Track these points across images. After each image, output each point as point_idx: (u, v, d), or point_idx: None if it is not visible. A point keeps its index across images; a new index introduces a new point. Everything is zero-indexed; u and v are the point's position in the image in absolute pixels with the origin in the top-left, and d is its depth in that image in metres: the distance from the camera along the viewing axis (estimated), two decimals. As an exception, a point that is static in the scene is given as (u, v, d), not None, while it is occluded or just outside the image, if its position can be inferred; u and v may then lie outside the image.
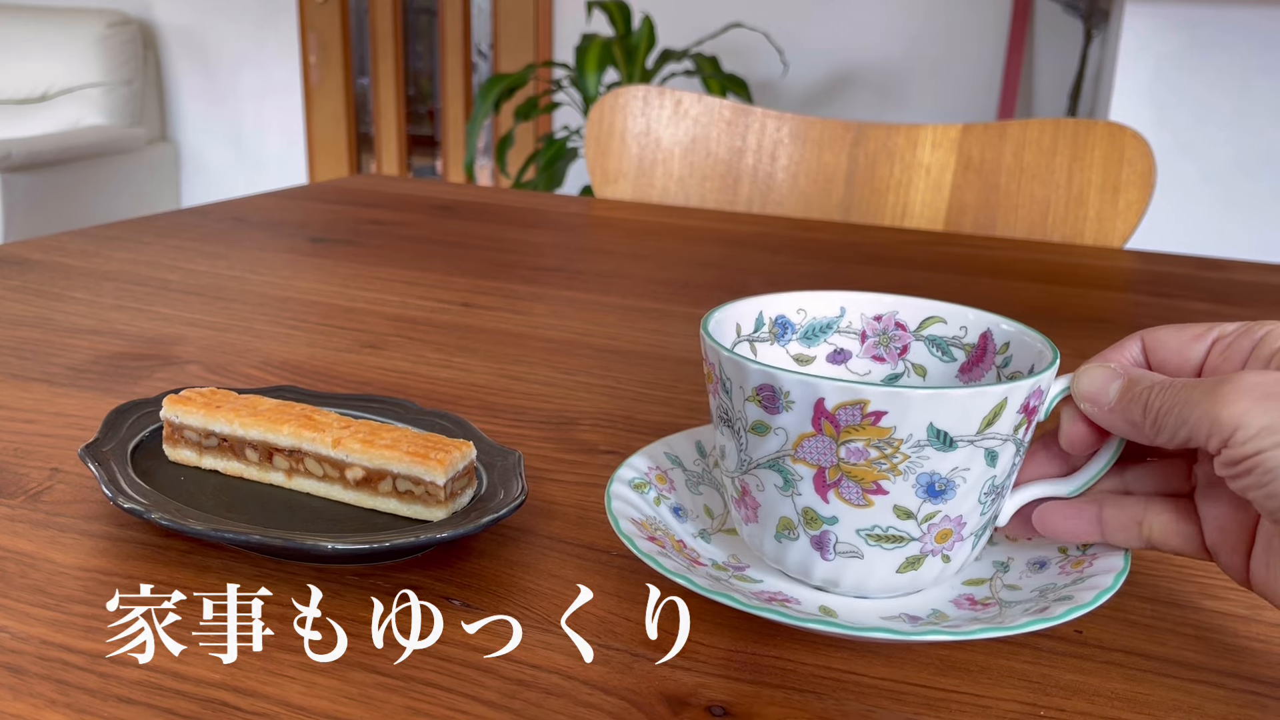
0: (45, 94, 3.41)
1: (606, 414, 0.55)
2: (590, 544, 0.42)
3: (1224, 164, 2.01)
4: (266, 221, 0.98)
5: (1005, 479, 0.36)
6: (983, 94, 2.82)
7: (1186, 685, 0.34)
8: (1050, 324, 0.74)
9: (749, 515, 0.38)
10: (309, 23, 3.54)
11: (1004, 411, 0.34)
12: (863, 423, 0.33)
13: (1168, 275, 0.90)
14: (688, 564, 0.37)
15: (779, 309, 0.43)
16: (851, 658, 0.35)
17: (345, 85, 3.60)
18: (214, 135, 3.73)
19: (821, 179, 1.12)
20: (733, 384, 0.36)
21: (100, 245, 0.86)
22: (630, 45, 2.57)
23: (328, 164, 3.67)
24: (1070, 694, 0.34)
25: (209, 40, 3.63)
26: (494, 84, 2.54)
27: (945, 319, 0.43)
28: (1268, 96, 1.96)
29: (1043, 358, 0.38)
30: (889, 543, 0.35)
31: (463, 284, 0.79)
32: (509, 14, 3.33)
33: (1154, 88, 1.99)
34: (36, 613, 0.36)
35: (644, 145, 1.17)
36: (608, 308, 0.74)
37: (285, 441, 0.42)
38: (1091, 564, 0.37)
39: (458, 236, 0.95)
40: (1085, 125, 1.04)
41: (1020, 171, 1.06)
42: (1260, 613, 0.39)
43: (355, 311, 0.71)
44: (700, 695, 0.33)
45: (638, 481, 0.42)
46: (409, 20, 3.63)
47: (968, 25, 2.80)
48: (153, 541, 0.40)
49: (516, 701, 0.32)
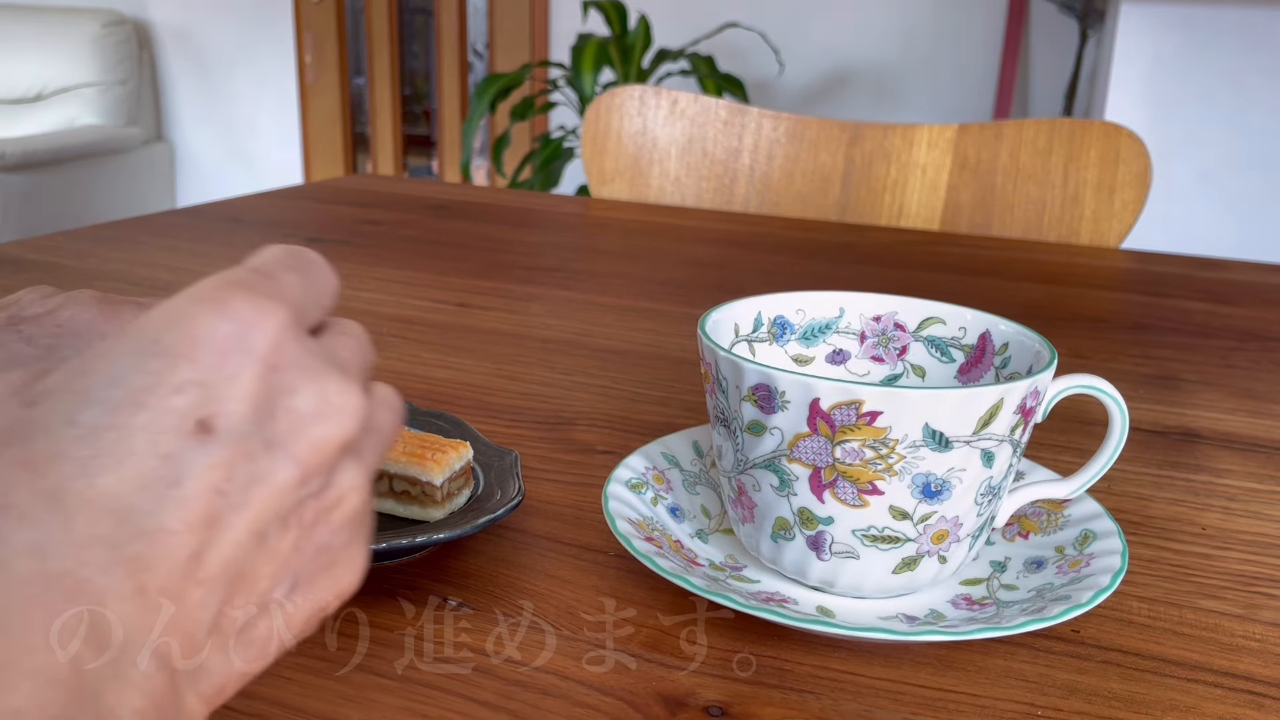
0: (40, 93, 3.40)
1: (603, 414, 0.55)
2: (587, 544, 0.41)
3: (1219, 163, 2.01)
4: (262, 221, 0.98)
5: (1002, 480, 0.36)
6: (978, 94, 2.82)
7: (1183, 685, 0.34)
8: (1046, 324, 0.74)
9: (745, 515, 0.38)
10: (304, 22, 3.53)
11: (1000, 412, 0.34)
12: (858, 423, 0.33)
13: (1164, 275, 0.91)
14: (685, 564, 0.37)
15: (778, 309, 0.43)
16: (849, 658, 0.35)
17: (341, 85, 3.60)
18: (209, 135, 3.72)
19: (818, 179, 1.12)
20: (729, 384, 0.36)
21: (95, 245, 0.86)
22: (626, 45, 2.57)
23: (323, 164, 3.67)
24: (1068, 694, 0.34)
25: (204, 40, 3.63)
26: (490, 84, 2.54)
27: (944, 320, 0.43)
28: (1263, 96, 1.96)
29: (1040, 358, 0.38)
30: (885, 543, 0.35)
31: (459, 284, 0.79)
32: (505, 14, 3.32)
33: (1150, 88, 1.99)
34: (32, 614, 0.35)
35: (640, 145, 1.16)
36: (604, 308, 0.74)
37: None
38: (1089, 564, 0.37)
39: (454, 236, 0.95)
40: (1081, 125, 1.04)
41: (1016, 171, 1.06)
42: (1257, 612, 0.39)
43: (351, 311, 0.71)
44: (697, 695, 0.33)
45: (635, 481, 0.42)
46: (405, 20, 3.62)
47: (964, 25, 2.80)
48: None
49: (513, 702, 0.32)
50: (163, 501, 0.20)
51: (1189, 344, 0.71)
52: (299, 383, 0.22)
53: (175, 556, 0.20)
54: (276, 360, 0.21)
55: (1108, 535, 0.39)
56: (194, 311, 0.21)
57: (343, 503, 0.23)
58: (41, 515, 0.19)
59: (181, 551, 0.20)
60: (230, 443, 0.21)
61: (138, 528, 0.19)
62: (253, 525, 0.21)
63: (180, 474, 0.20)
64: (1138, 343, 0.71)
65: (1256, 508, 0.47)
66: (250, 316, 0.21)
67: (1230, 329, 0.75)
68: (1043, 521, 0.41)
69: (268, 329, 0.21)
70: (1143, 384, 0.63)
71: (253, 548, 0.21)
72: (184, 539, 0.20)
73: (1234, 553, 0.43)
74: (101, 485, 0.19)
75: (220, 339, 0.21)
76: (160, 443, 0.20)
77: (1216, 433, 0.56)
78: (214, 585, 0.20)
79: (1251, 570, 0.42)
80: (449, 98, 3.57)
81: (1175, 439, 0.55)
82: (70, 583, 0.18)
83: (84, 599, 0.19)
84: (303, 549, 0.22)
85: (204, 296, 0.21)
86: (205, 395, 0.21)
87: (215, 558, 0.20)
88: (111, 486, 0.19)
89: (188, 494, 0.20)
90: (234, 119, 3.68)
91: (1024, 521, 0.42)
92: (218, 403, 0.21)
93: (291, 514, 0.22)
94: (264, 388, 0.21)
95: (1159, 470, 0.51)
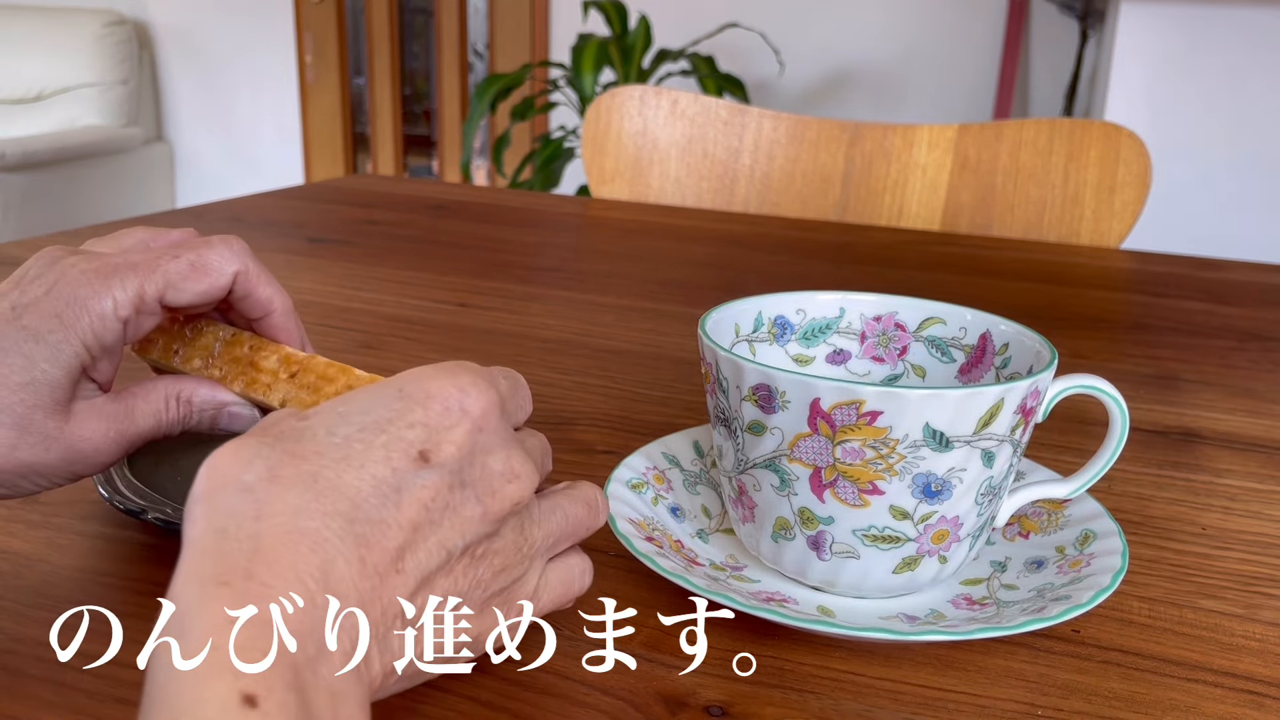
0: (40, 94, 3.40)
1: (604, 414, 0.55)
2: (587, 544, 0.41)
3: (1220, 164, 2.01)
4: (262, 221, 0.98)
5: (1002, 480, 0.36)
6: (979, 94, 2.82)
7: (1184, 685, 0.34)
8: (1046, 324, 0.74)
9: (746, 515, 0.38)
10: (305, 22, 3.53)
11: (1000, 412, 0.34)
12: (858, 423, 0.33)
13: (1164, 275, 0.91)
14: (685, 564, 0.37)
15: (778, 309, 0.43)
16: (849, 658, 0.35)
17: (341, 85, 3.59)
18: (210, 135, 3.72)
19: (818, 179, 1.12)
20: (729, 384, 0.36)
21: (96, 245, 0.86)
22: (626, 45, 2.57)
23: (324, 164, 3.67)
24: (1068, 693, 0.34)
25: (205, 40, 3.63)
26: (490, 84, 2.54)
27: (945, 320, 0.43)
28: (1263, 96, 1.96)
29: (1041, 358, 0.38)
30: (885, 543, 0.35)
31: (459, 284, 0.79)
32: (505, 14, 3.32)
33: (1150, 88, 1.99)
34: (33, 614, 0.35)
35: (640, 145, 1.17)
36: (604, 308, 0.74)
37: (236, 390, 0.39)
38: (1089, 564, 0.37)
39: (454, 236, 0.95)
40: (1081, 125, 1.04)
41: (1016, 172, 1.06)
42: (1257, 612, 0.39)
43: (351, 311, 0.71)
44: (698, 695, 0.33)
45: (635, 481, 0.42)
46: (405, 20, 3.62)
47: (964, 25, 2.80)
48: (150, 542, 0.40)
49: (513, 702, 0.32)
50: (386, 501, 0.27)
51: (1189, 344, 0.71)
52: (495, 447, 0.30)
53: (388, 544, 0.27)
54: (483, 425, 0.29)
55: (1108, 535, 0.39)
56: (432, 375, 0.30)
57: (503, 551, 0.30)
58: (301, 489, 0.26)
59: (393, 541, 0.27)
60: (440, 474, 0.28)
61: (366, 515, 0.26)
62: (441, 541, 0.28)
63: (401, 485, 0.27)
64: (1138, 343, 0.71)
65: (1256, 507, 0.47)
66: (471, 389, 0.29)
67: (1230, 329, 0.75)
68: (1043, 521, 0.41)
69: (481, 401, 0.29)
70: (1143, 384, 0.63)
71: (438, 559, 0.28)
72: (395, 533, 0.27)
73: (1234, 553, 0.43)
74: (346, 479, 0.27)
75: (447, 398, 0.29)
76: (392, 460, 0.27)
77: (1216, 433, 0.56)
78: (408, 577, 0.27)
79: (1252, 570, 0.42)
80: (449, 98, 3.57)
81: (1175, 439, 0.55)
82: (315, 539, 0.25)
83: (322, 552, 0.25)
84: (468, 575, 0.29)
85: (442, 368, 0.30)
86: (429, 434, 0.28)
87: (412, 556, 0.27)
88: (352, 481, 0.27)
89: (404, 501, 0.27)
90: (234, 119, 3.68)
91: (1024, 521, 0.42)
92: (437, 442, 0.28)
93: (467, 544, 0.28)
94: (470, 442, 0.29)
95: (1159, 470, 0.51)
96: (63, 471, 0.35)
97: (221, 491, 0.26)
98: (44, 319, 0.34)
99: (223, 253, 0.37)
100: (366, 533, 0.26)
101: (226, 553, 0.25)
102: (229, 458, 0.27)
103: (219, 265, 0.37)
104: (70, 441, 0.35)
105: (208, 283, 0.36)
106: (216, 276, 0.37)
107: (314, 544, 0.25)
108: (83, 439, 0.35)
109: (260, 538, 0.25)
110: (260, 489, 0.26)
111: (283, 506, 0.26)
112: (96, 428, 0.35)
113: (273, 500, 0.26)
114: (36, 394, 0.34)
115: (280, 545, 0.25)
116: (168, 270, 0.36)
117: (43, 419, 0.34)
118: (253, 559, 0.24)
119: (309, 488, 0.26)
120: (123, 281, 0.35)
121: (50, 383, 0.34)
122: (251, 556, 0.24)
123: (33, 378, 0.34)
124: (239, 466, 0.26)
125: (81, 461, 0.35)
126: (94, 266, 0.35)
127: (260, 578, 0.24)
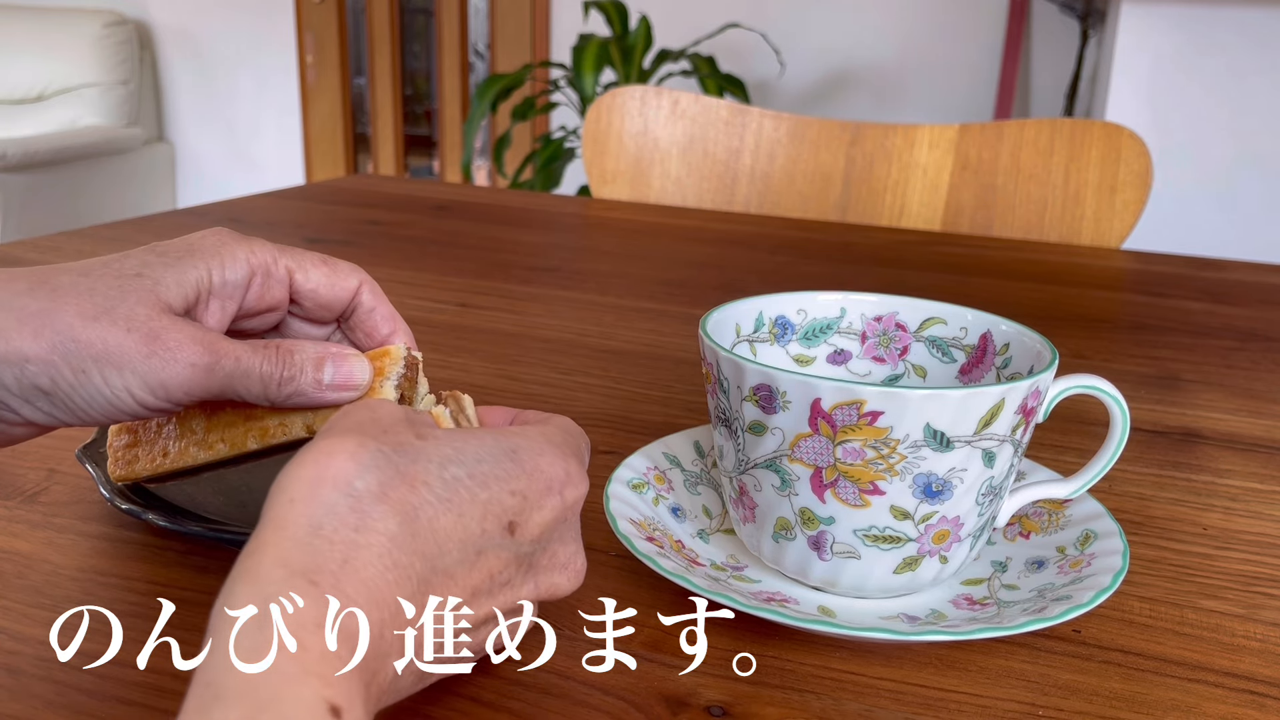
0: (41, 94, 3.40)
1: (604, 414, 0.55)
2: (588, 544, 0.41)
3: (1221, 164, 2.01)
4: (263, 222, 0.98)
5: (1003, 480, 0.36)
6: (980, 94, 2.82)
7: (1184, 685, 0.34)
8: (1047, 324, 0.74)
9: (747, 515, 0.38)
10: (305, 22, 3.53)
11: (1001, 412, 0.34)
12: (859, 423, 0.33)
13: (1164, 275, 0.91)
14: (686, 564, 0.37)
15: (779, 309, 0.43)
16: (850, 658, 0.35)
17: (342, 85, 3.59)
18: (210, 135, 3.72)
19: (819, 179, 1.12)
20: (730, 384, 0.36)
21: (97, 246, 0.86)
22: (627, 45, 2.57)
23: (324, 164, 3.67)
24: (1068, 693, 0.34)
25: (205, 40, 3.63)
26: (491, 84, 2.54)
27: (945, 320, 0.43)
28: (1264, 96, 1.96)
29: (1041, 358, 0.38)
30: (886, 543, 0.35)
31: (460, 284, 0.79)
32: (506, 14, 3.32)
33: (1151, 88, 1.99)
34: (34, 614, 0.35)
35: (641, 145, 1.16)
36: (605, 308, 0.74)
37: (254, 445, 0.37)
38: (1090, 564, 0.37)
39: (455, 237, 0.95)
40: (1082, 125, 1.04)
41: (1017, 172, 1.06)
42: (1258, 612, 0.39)
43: (352, 312, 0.71)
44: (699, 695, 0.33)
45: (636, 482, 0.42)
46: (406, 20, 3.62)
47: (965, 25, 2.80)
48: (150, 542, 0.40)
49: (514, 702, 0.32)
50: (464, 560, 0.29)
51: (1189, 344, 0.71)
52: (569, 539, 0.32)
53: (452, 590, 0.29)
54: (567, 515, 0.32)
55: (1109, 535, 0.39)
56: (546, 449, 0.31)
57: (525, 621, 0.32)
58: (402, 519, 0.27)
59: (456, 593, 0.29)
60: (516, 550, 0.30)
61: (444, 566, 0.28)
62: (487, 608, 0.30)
63: (483, 549, 0.29)
64: (1138, 343, 0.71)
65: (1258, 508, 0.47)
66: (575, 476, 0.32)
67: (1231, 329, 0.75)
68: (1044, 521, 0.41)
69: (577, 493, 0.32)
70: (1143, 384, 0.63)
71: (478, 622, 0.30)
72: (457, 591, 0.29)
73: (1235, 553, 0.43)
74: (441, 523, 0.28)
75: (552, 479, 0.31)
76: (486, 521, 0.29)
77: (1217, 433, 0.56)
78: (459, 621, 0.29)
79: (1252, 570, 0.42)
80: (450, 98, 3.57)
81: (1176, 439, 0.55)
82: (401, 576, 0.27)
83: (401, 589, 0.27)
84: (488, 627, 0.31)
85: (559, 446, 0.32)
86: (523, 507, 0.30)
87: (465, 610, 0.29)
88: (445, 527, 0.28)
89: (478, 565, 0.29)
90: (235, 119, 3.68)
91: (1025, 521, 0.42)
92: (528, 518, 0.30)
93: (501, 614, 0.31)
94: (553, 525, 0.31)
95: (1160, 470, 0.51)
96: (139, 367, 0.32)
97: (330, 486, 0.27)
98: (176, 248, 0.36)
99: (348, 263, 0.39)
100: (434, 581, 0.28)
101: (318, 550, 0.25)
102: (347, 456, 0.27)
103: (345, 268, 0.39)
104: (154, 330, 0.33)
105: (334, 278, 0.38)
106: (343, 276, 0.38)
107: (399, 579, 0.27)
108: (168, 332, 0.33)
109: (355, 550, 0.26)
110: (367, 501, 0.27)
111: (383, 530, 0.27)
112: (186, 332, 0.33)
113: (375, 520, 0.27)
114: (141, 284, 0.33)
115: (370, 568, 0.26)
116: (301, 253, 0.38)
117: (134, 303, 0.33)
118: (343, 568, 0.25)
119: (410, 521, 0.27)
120: (261, 244, 0.37)
121: (158, 279, 0.34)
122: (343, 565, 0.26)
123: (143, 273, 0.34)
124: (354, 469, 0.27)
125: (158, 358, 0.32)
126: (234, 233, 0.38)
127: (345, 590, 0.25)
